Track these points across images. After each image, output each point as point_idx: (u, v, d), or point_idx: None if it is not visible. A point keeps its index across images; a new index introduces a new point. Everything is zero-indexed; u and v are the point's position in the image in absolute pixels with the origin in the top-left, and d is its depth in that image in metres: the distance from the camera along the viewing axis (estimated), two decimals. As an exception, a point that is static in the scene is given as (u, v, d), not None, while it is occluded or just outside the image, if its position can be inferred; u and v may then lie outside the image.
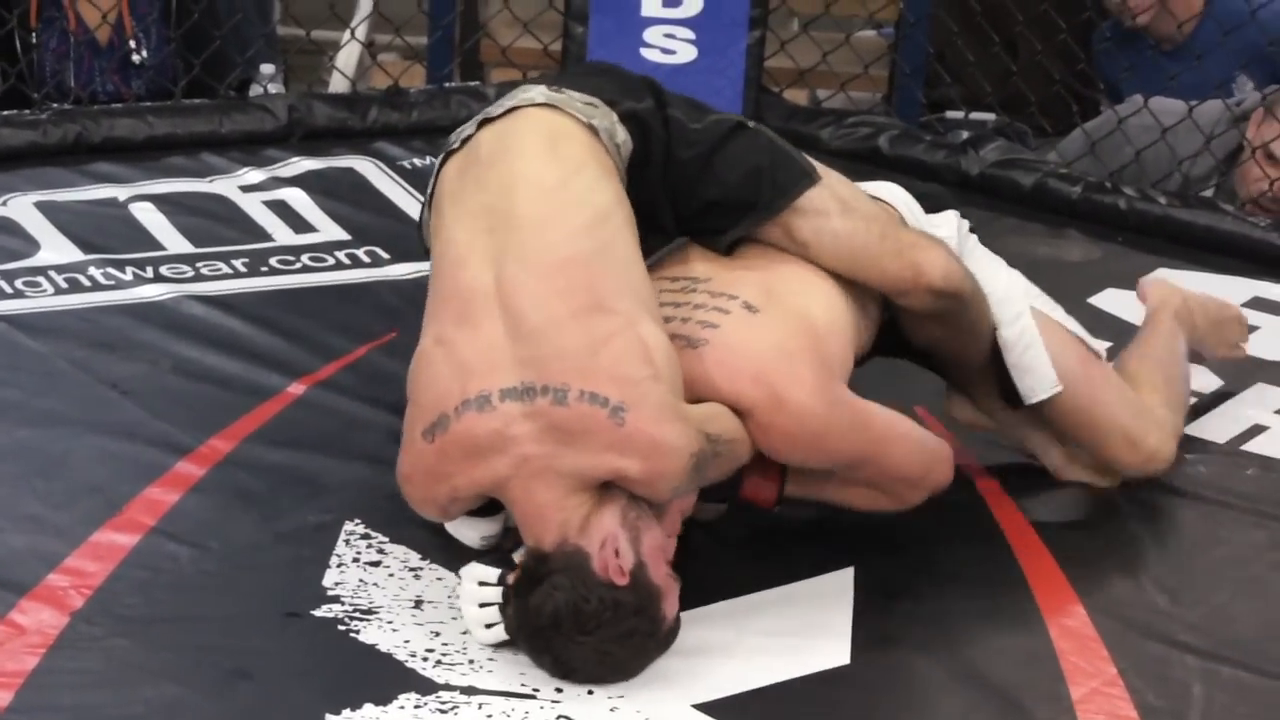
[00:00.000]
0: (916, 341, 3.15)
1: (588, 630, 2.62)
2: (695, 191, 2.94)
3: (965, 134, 4.82)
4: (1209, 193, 4.70)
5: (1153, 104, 4.74)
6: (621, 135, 2.91)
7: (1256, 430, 3.59)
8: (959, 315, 3.06)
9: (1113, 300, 4.07)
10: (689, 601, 2.79)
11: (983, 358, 3.15)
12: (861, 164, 4.71)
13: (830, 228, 2.96)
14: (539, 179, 2.83)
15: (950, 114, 5.24)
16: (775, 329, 2.83)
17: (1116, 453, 3.26)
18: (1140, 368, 3.41)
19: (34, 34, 4.78)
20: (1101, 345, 3.34)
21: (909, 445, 2.95)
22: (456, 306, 2.76)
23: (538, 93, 2.93)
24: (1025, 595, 3.00)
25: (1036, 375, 3.17)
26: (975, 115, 5.16)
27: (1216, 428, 3.59)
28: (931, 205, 3.26)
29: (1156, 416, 3.31)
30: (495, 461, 2.68)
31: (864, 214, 3.01)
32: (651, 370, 2.67)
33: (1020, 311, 3.17)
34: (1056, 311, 3.25)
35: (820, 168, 3.03)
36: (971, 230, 3.26)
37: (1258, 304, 4.08)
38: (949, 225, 3.20)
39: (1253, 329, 3.94)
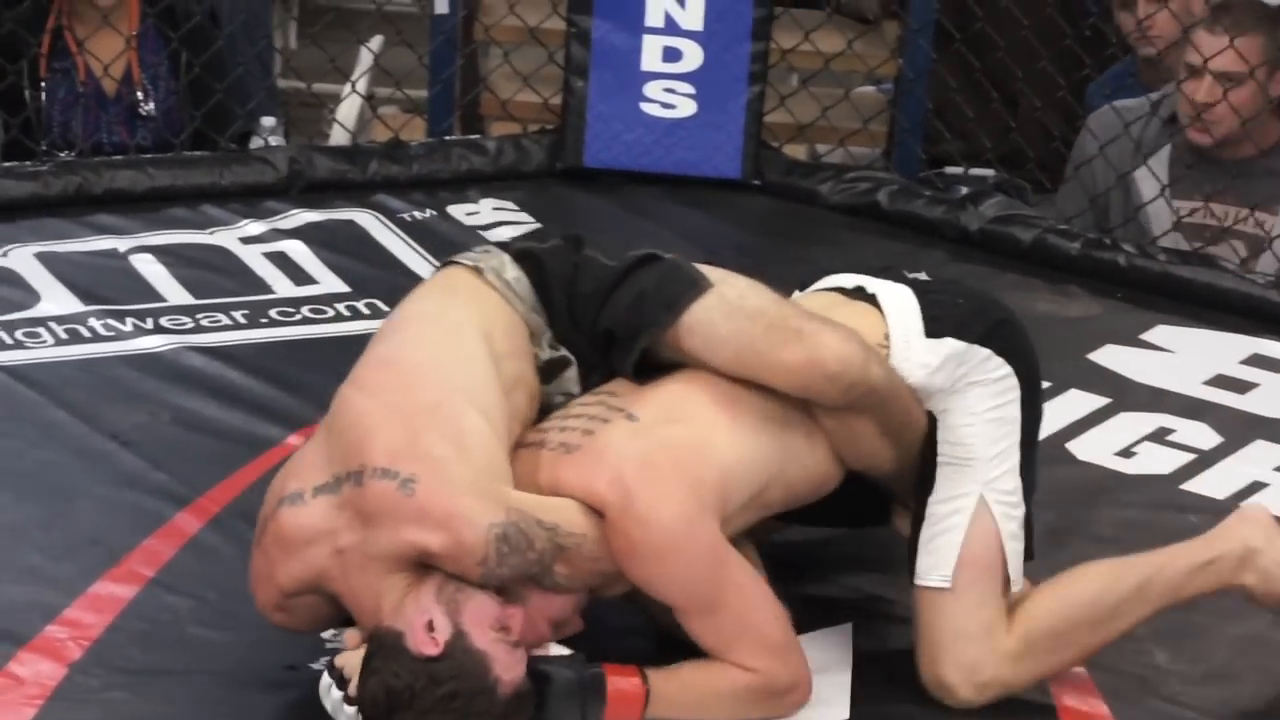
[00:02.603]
0: (850, 462, 2.92)
1: (404, 704, 2.55)
2: (595, 323, 2.88)
3: (964, 189, 4.82)
4: (1165, 152, 4.70)
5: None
6: (512, 272, 2.89)
7: (1256, 487, 3.59)
8: (880, 411, 2.86)
9: (1112, 356, 4.07)
10: (686, 653, 2.79)
11: (911, 461, 2.93)
12: (861, 218, 4.72)
13: (717, 334, 2.82)
14: (404, 313, 2.91)
15: (949, 169, 5.24)
16: (650, 440, 2.75)
17: (943, 672, 2.87)
18: (1051, 613, 2.91)
19: (42, 84, 4.79)
20: (1021, 582, 2.94)
21: (766, 613, 2.75)
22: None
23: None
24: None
25: (936, 558, 2.89)
26: (974, 171, 5.16)
27: (1215, 484, 3.59)
28: (932, 264, 3.22)
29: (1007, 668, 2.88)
30: (311, 554, 2.67)
31: (750, 311, 2.84)
32: (456, 450, 2.64)
33: (970, 493, 2.89)
34: (1011, 521, 2.92)
35: (720, 274, 2.90)
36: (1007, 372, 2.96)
37: (1256, 361, 4.08)
38: (941, 353, 2.91)
39: (1251, 386, 3.96)
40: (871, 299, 2.96)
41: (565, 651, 2.69)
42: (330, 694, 2.64)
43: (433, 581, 2.61)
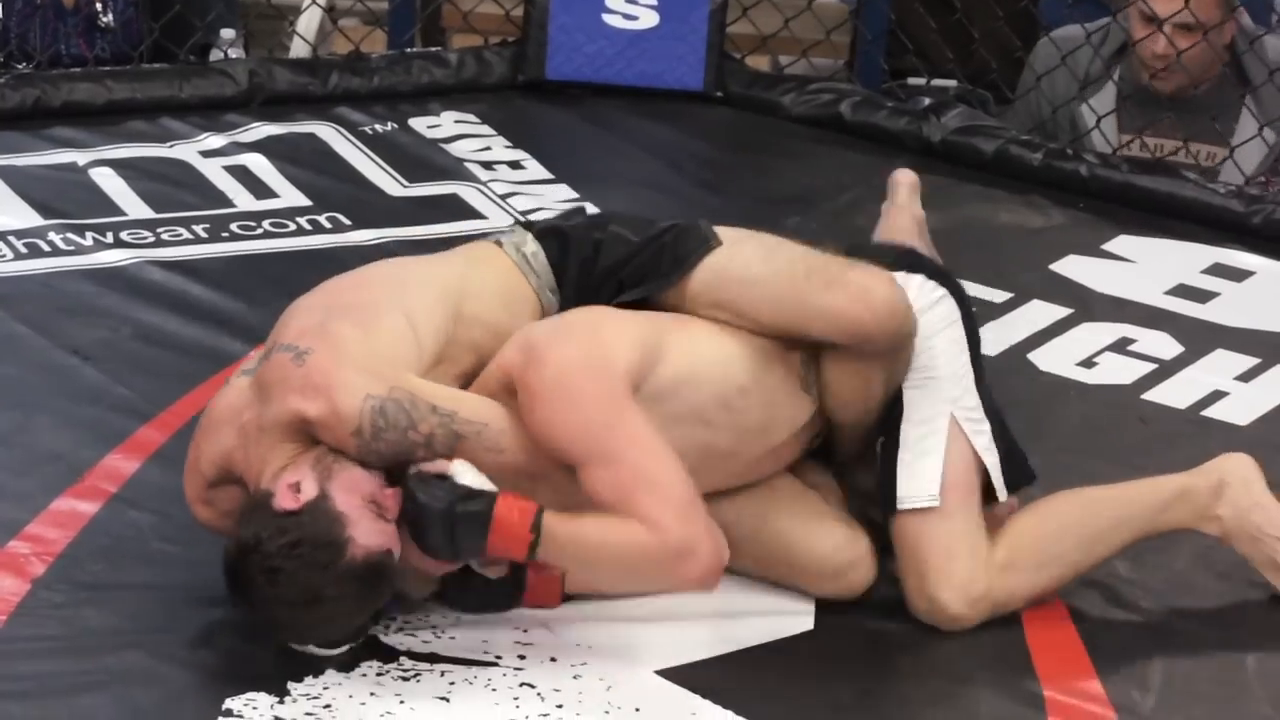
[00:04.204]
0: (841, 412, 2.91)
1: (250, 550, 2.57)
2: (614, 295, 2.88)
3: (926, 100, 4.82)
4: (1108, 88, 4.71)
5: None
6: (532, 246, 2.89)
7: (1216, 396, 3.61)
8: (902, 354, 2.88)
9: (1074, 266, 4.07)
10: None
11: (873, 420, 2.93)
12: (823, 130, 4.71)
13: (753, 282, 2.84)
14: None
15: (912, 80, 5.23)
16: (574, 315, 2.79)
17: (936, 592, 2.86)
18: (1034, 529, 2.93)
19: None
20: (1005, 491, 2.96)
21: (669, 472, 2.66)
22: None
23: None
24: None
25: (921, 480, 2.90)
26: (936, 82, 5.15)
27: (1177, 394, 3.61)
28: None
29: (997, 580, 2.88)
30: (223, 434, 2.72)
31: (786, 257, 2.87)
32: (361, 333, 2.67)
33: (940, 413, 2.91)
34: (980, 436, 2.93)
35: (745, 233, 2.93)
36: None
37: (1218, 270, 4.10)
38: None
39: (1213, 295, 3.97)
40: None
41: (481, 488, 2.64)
42: None
43: (312, 452, 2.64)
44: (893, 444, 2.90)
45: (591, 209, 3.62)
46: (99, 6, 4.84)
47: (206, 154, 4.32)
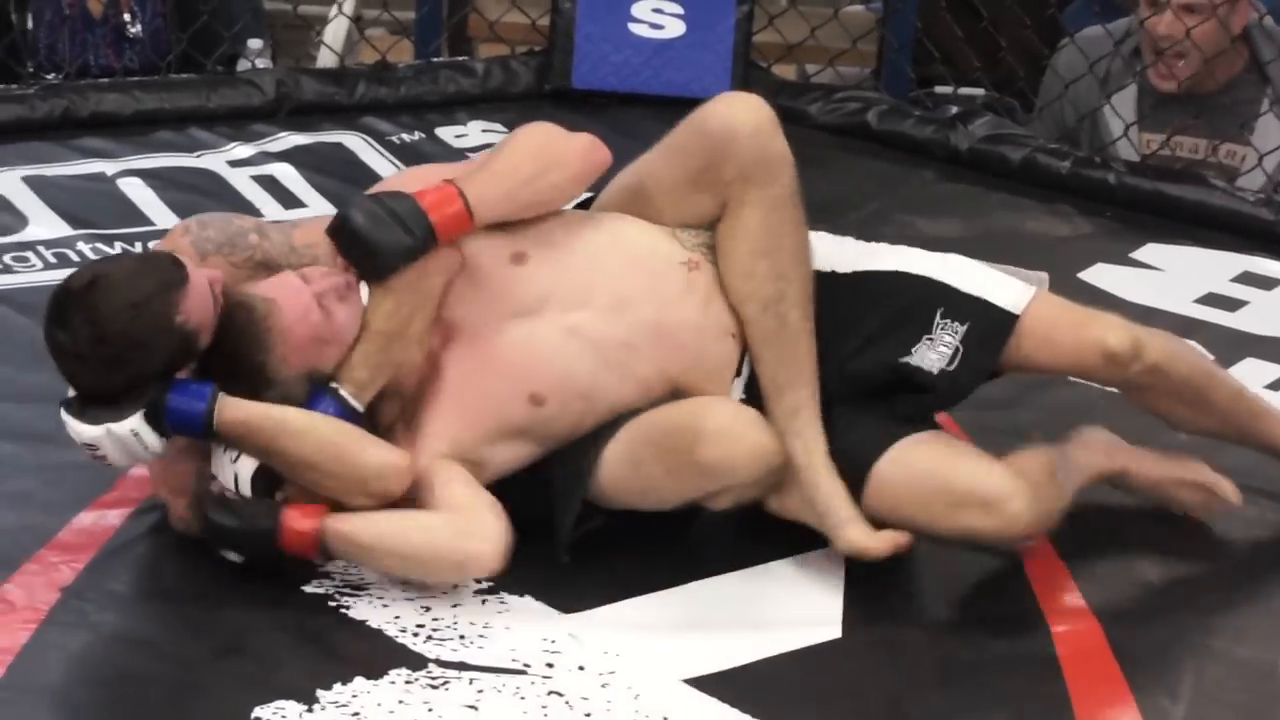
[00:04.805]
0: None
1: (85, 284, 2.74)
2: None
3: (953, 109, 4.82)
4: (1131, 85, 4.70)
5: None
6: None
7: (1246, 405, 3.59)
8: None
9: (1102, 275, 4.07)
10: (679, 577, 2.80)
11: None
12: (850, 139, 4.71)
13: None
14: None
15: (939, 89, 5.23)
16: None
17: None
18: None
19: (29, 6, 4.78)
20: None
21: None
22: None
23: None
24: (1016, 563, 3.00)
25: (1007, 287, 2.99)
26: (964, 90, 5.15)
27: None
28: (921, 183, 3.22)
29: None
30: None
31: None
32: None
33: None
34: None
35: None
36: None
37: (1246, 278, 4.09)
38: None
39: (1242, 303, 3.96)
40: None
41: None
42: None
43: None
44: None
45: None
46: (127, 17, 4.86)
47: (234, 164, 4.34)
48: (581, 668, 2.69)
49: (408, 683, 2.64)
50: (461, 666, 2.68)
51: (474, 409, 2.86)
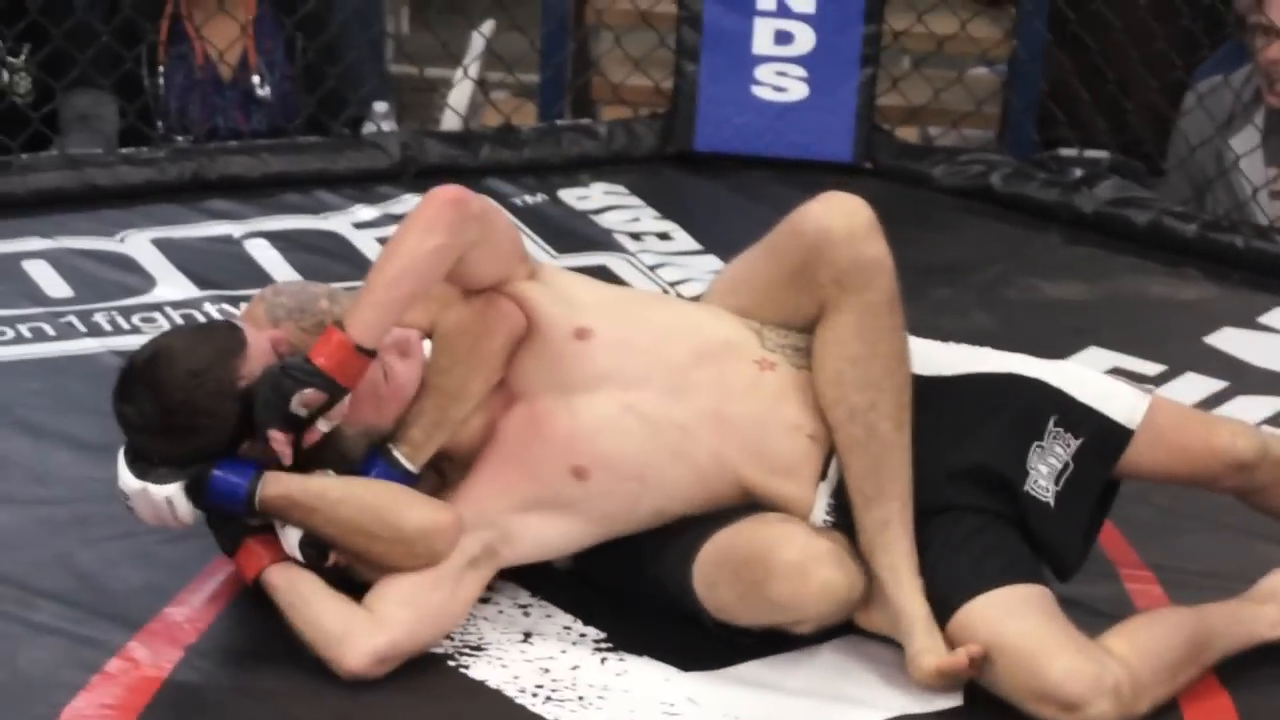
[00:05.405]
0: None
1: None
2: None
3: (1079, 171, 4.79)
4: (1259, 117, 4.64)
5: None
6: None
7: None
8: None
9: (1229, 339, 4.02)
10: (803, 640, 2.78)
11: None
12: (974, 201, 4.69)
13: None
14: None
15: (1064, 151, 5.20)
16: None
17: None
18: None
19: (160, 70, 4.84)
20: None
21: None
22: None
23: None
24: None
25: (1121, 398, 2.89)
26: (1089, 153, 5.12)
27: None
28: (1046, 247, 3.17)
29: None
30: None
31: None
32: None
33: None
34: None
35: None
36: None
37: (1380, 345, 4.03)
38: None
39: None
40: None
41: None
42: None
43: None
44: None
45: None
46: (255, 80, 4.91)
47: (359, 225, 4.37)
48: (685, 738, 2.68)
49: (525, 743, 2.64)
50: (580, 728, 2.67)
51: (510, 475, 2.82)
